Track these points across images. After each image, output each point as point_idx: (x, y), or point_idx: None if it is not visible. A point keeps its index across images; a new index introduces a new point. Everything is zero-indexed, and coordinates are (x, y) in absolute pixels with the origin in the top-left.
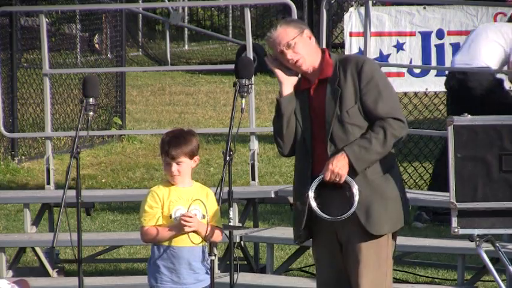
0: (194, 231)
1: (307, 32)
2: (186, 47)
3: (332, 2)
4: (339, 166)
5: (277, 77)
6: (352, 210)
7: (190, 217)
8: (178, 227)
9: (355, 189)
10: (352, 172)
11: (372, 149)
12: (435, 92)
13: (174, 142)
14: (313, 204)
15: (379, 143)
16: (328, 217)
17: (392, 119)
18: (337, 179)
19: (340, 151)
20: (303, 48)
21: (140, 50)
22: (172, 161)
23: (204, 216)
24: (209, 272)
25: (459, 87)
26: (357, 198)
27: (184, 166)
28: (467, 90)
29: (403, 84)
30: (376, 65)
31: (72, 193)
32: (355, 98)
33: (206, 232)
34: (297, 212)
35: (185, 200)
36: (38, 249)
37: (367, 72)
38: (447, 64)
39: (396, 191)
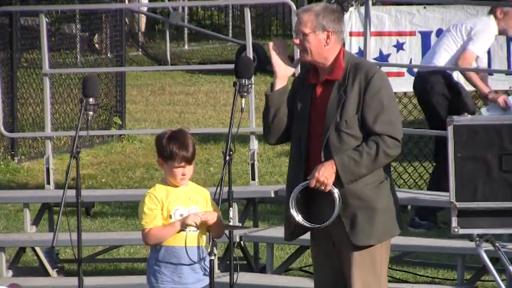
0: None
1: (329, 32)
2: (186, 46)
3: (332, 1)
4: (325, 175)
5: (274, 68)
6: (329, 222)
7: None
8: (181, 221)
9: (337, 202)
10: (339, 182)
11: (362, 163)
12: None
13: (184, 146)
14: (294, 212)
15: (370, 158)
16: (308, 224)
17: (388, 136)
18: (322, 187)
19: (329, 159)
20: (311, 44)
21: (140, 49)
22: (187, 165)
23: None
24: (208, 272)
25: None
26: (336, 210)
27: (192, 167)
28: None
29: (403, 84)
30: (386, 78)
31: (72, 193)
32: (357, 108)
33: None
34: (287, 213)
35: (183, 200)
36: (37, 249)
37: (375, 84)
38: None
39: (386, 202)
